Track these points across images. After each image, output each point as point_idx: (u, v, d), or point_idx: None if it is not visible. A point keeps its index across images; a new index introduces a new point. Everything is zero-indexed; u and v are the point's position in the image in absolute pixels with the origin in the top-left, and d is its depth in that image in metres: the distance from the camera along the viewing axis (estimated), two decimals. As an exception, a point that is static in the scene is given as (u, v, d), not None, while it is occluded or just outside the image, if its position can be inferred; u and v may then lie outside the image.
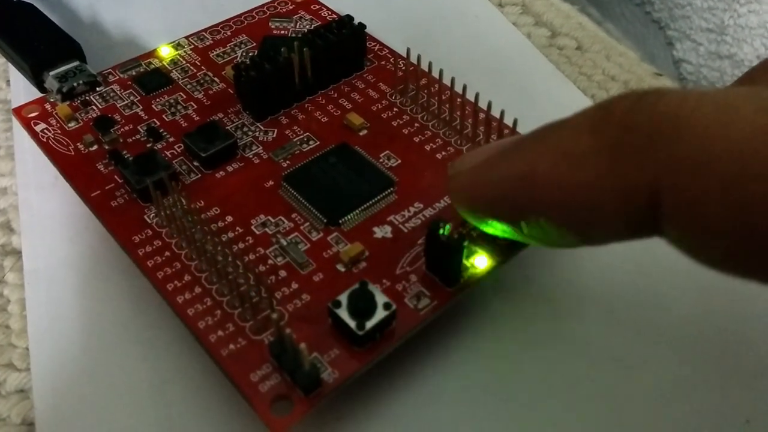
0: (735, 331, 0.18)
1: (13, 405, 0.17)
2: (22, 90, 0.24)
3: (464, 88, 0.20)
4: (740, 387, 0.17)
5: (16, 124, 0.21)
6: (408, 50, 0.21)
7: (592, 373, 0.17)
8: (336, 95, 0.22)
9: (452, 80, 0.20)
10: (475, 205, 0.15)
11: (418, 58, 0.21)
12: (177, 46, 0.24)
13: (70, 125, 0.21)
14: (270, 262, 0.17)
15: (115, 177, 0.19)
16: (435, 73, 0.21)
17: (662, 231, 0.12)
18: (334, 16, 0.25)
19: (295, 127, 0.21)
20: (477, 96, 0.19)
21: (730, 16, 0.38)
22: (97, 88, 0.22)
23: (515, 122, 0.19)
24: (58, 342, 0.18)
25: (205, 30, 0.25)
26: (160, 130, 0.21)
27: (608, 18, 0.37)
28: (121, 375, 0.17)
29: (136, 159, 0.19)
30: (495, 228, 0.15)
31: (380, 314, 0.15)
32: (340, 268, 0.17)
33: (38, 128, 0.21)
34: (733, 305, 0.18)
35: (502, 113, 0.19)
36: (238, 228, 0.18)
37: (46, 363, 0.18)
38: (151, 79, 0.22)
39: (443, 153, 0.20)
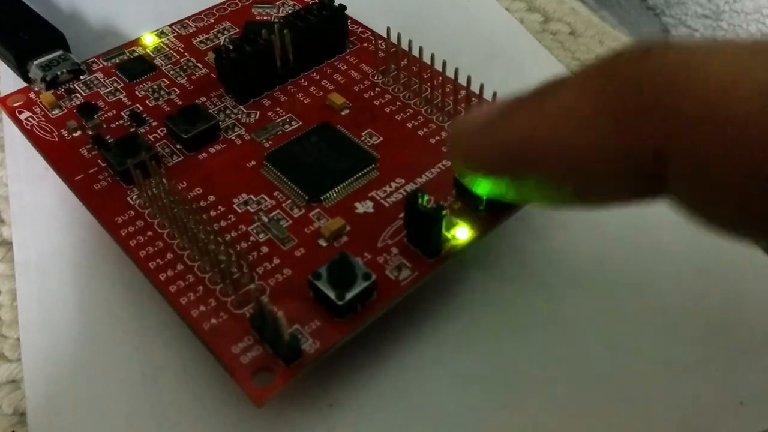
0: (729, 313, 0.18)
1: (4, 395, 0.17)
2: (12, 84, 0.24)
3: (444, 65, 0.20)
4: (734, 369, 0.17)
5: (6, 118, 0.21)
6: (388, 29, 0.21)
7: (582, 353, 0.17)
8: (318, 77, 0.22)
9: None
10: (475, 166, 0.14)
11: (398, 37, 0.21)
12: (160, 34, 0.24)
13: (54, 113, 0.21)
14: (252, 238, 0.17)
15: (99, 161, 0.19)
16: (416, 52, 0.21)
17: (668, 193, 0.11)
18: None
19: (278, 109, 0.21)
20: (456, 71, 0.19)
21: (726, 2, 0.37)
22: (81, 77, 0.22)
23: (494, 96, 0.19)
24: (49, 332, 0.18)
25: (188, 18, 0.25)
26: (143, 115, 0.21)
27: (604, 5, 0.37)
28: (113, 364, 0.17)
29: (117, 142, 0.19)
30: (492, 189, 0.14)
31: (360, 285, 0.15)
32: (322, 243, 0.17)
33: (22, 117, 0.21)
34: (727, 287, 0.18)
35: (482, 87, 0.19)
36: (220, 207, 0.18)
37: (38, 353, 0.18)
38: (135, 66, 0.22)
39: (425, 130, 0.20)
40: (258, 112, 0.21)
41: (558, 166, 0.12)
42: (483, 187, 0.15)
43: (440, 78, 0.20)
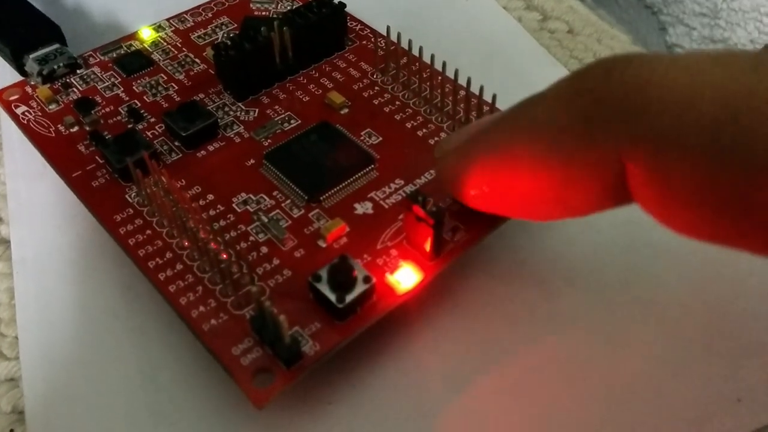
0: (726, 310, 0.18)
1: (2, 394, 0.17)
2: (9, 78, 0.24)
3: (444, 65, 0.20)
4: (731, 365, 0.17)
5: (4, 115, 0.21)
6: (388, 28, 0.21)
7: (580, 351, 0.17)
8: (317, 75, 0.22)
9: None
10: (460, 184, 0.15)
11: (398, 36, 0.21)
12: (158, 28, 0.24)
13: (50, 107, 0.21)
14: (251, 238, 0.17)
15: (96, 157, 0.19)
16: (415, 52, 0.21)
17: (635, 199, 0.12)
18: (317, -4, 0.25)
19: (277, 107, 0.21)
20: (456, 72, 0.19)
21: (723, 0, 0.38)
22: (78, 71, 0.22)
23: (494, 98, 0.19)
24: (48, 331, 0.18)
25: (186, 12, 0.25)
26: (141, 111, 0.21)
27: (601, 4, 0.37)
28: (112, 362, 0.17)
29: (116, 139, 0.19)
30: (481, 204, 0.15)
31: (360, 287, 0.15)
32: (321, 244, 0.17)
33: (19, 111, 0.21)
34: (724, 283, 0.19)
35: (481, 89, 0.19)
36: (219, 206, 0.18)
37: (36, 351, 0.18)
38: (132, 61, 0.22)
39: (424, 130, 0.20)
40: (257, 110, 0.21)
41: (535, 178, 0.13)
42: (472, 203, 0.15)
43: (439, 78, 0.20)
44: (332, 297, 0.15)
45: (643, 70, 0.11)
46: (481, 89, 0.19)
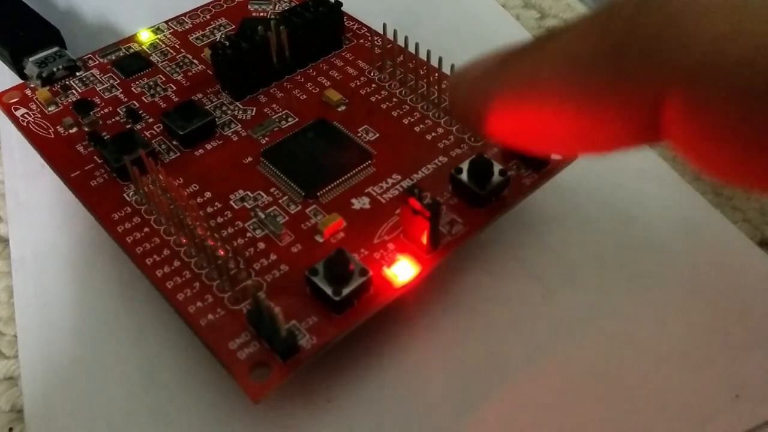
0: (724, 307, 0.18)
1: (1, 392, 0.17)
2: (8, 81, 0.24)
3: (440, 61, 0.20)
4: (730, 361, 0.17)
5: (2, 115, 0.21)
6: (384, 26, 0.21)
7: (578, 347, 0.17)
8: (314, 73, 0.22)
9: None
10: (478, 118, 0.14)
11: (395, 34, 0.21)
12: (156, 30, 0.24)
13: (50, 109, 0.21)
14: (248, 235, 0.17)
15: (95, 158, 0.19)
16: (412, 49, 0.21)
17: (669, 136, 0.11)
18: (314, -3, 0.25)
19: (274, 105, 0.21)
20: (452, 68, 0.19)
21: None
22: (77, 73, 0.22)
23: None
24: (46, 329, 0.18)
25: (184, 14, 0.25)
26: (140, 112, 0.21)
27: (599, 2, 0.37)
28: (111, 361, 0.17)
29: (114, 138, 0.19)
30: (498, 131, 0.14)
31: (357, 280, 0.15)
32: (318, 239, 0.17)
33: (18, 113, 0.21)
34: (722, 281, 0.19)
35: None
36: (216, 203, 0.18)
37: (35, 350, 0.18)
38: (131, 63, 0.22)
39: (421, 126, 0.20)
40: (254, 109, 0.21)
41: (562, 113, 0.12)
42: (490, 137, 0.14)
43: (436, 74, 0.20)
44: (329, 290, 0.15)
45: (683, 0, 0.10)
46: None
